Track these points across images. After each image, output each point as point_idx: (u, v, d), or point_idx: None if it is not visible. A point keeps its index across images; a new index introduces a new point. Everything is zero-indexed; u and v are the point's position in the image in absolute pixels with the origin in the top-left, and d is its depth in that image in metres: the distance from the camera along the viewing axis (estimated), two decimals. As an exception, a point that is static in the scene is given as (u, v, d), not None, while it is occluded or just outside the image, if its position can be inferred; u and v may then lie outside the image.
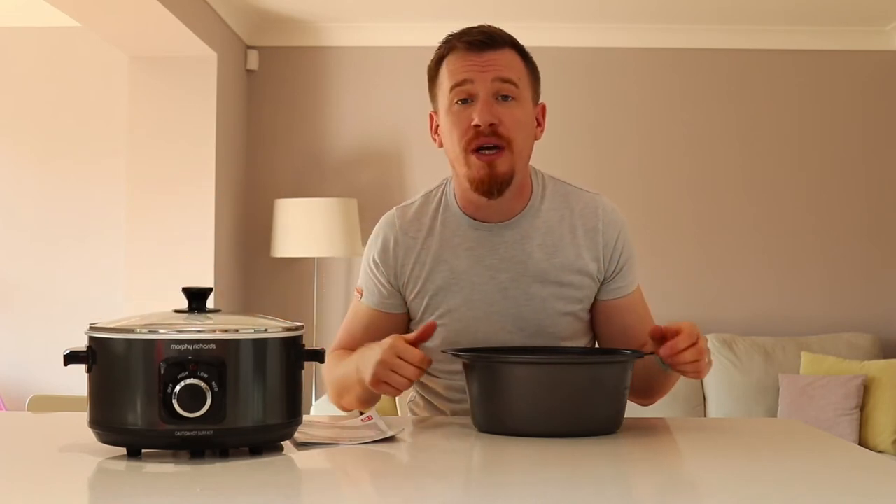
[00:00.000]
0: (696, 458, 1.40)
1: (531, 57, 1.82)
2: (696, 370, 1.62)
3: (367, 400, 1.81)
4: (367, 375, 1.62)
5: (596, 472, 1.30)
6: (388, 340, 1.62)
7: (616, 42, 5.01)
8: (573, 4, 4.70)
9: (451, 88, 1.75)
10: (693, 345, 1.59)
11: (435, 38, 1.84)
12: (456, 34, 1.79)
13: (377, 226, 1.91)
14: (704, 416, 4.56)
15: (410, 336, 1.63)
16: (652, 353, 1.62)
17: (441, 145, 1.83)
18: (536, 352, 1.76)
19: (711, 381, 4.64)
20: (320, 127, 5.05)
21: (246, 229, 4.99)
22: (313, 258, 4.84)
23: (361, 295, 1.89)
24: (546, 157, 2.12)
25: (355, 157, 5.04)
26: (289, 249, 4.68)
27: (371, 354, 1.63)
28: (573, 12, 4.81)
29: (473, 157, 1.73)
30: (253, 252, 4.99)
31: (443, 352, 1.64)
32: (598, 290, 1.84)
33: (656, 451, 1.48)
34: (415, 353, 1.59)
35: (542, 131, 1.84)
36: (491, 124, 1.72)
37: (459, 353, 1.60)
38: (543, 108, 1.85)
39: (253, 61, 5.01)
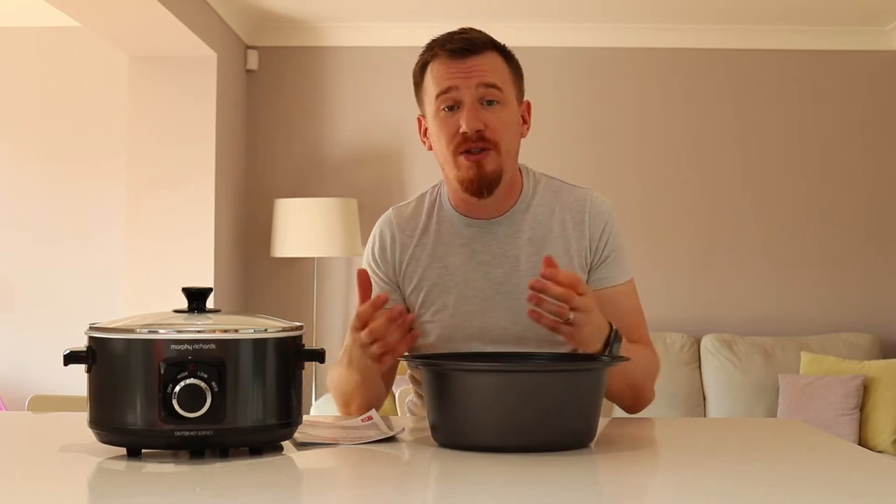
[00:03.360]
0: (694, 459, 1.39)
1: (513, 55, 1.83)
2: (566, 325, 1.58)
3: (371, 403, 1.81)
4: (363, 361, 1.67)
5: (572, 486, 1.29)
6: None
7: (616, 42, 5.00)
8: (573, 4, 4.70)
9: (437, 96, 1.78)
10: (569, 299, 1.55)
11: (435, 39, 1.84)
12: (438, 40, 1.80)
13: (375, 226, 1.95)
14: (704, 416, 4.56)
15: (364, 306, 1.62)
16: (627, 359, 1.52)
17: (430, 148, 1.86)
18: (504, 359, 1.63)
19: (711, 381, 4.64)
20: (320, 127, 5.05)
21: (246, 229, 4.99)
22: (313, 258, 4.84)
23: None
24: (547, 156, 2.12)
25: (355, 157, 5.04)
26: (289, 249, 4.68)
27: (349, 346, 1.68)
28: (573, 12, 4.81)
29: (462, 159, 1.77)
30: (253, 252, 4.99)
31: (400, 358, 1.60)
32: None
33: (632, 460, 1.48)
34: (363, 311, 1.60)
35: (528, 129, 1.87)
36: (477, 130, 1.75)
37: (413, 360, 1.52)
38: (528, 105, 1.88)
39: (253, 61, 5.01)
